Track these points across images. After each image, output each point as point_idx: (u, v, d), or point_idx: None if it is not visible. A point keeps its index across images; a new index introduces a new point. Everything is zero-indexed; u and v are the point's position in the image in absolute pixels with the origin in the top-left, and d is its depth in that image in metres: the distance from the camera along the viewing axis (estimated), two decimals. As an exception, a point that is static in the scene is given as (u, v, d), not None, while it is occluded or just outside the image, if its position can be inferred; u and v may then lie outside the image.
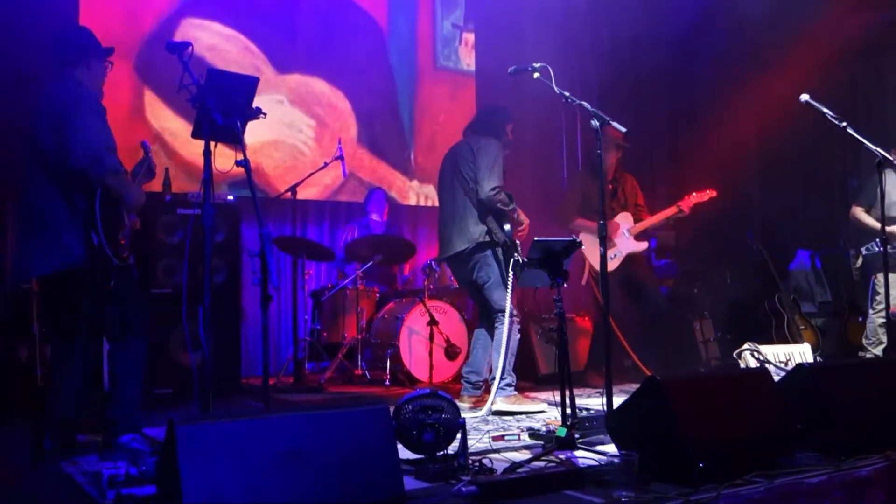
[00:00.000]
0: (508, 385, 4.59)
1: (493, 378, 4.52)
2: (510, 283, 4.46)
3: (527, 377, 5.94)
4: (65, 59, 3.46)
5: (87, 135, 3.19)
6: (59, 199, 3.29)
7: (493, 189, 4.53)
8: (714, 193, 5.74)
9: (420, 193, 7.66)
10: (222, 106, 2.84)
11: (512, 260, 4.50)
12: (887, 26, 6.66)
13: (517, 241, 4.64)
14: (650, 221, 5.75)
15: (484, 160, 4.62)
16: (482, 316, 4.93)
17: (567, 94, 3.76)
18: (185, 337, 5.20)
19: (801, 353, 4.78)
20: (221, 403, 4.57)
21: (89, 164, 3.15)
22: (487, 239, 4.63)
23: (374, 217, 6.87)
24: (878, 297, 5.72)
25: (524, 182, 7.08)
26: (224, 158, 3.28)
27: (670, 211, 5.70)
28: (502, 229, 4.62)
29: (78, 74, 3.45)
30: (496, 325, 4.65)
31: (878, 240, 5.59)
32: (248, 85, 2.95)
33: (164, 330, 5.17)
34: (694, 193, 5.72)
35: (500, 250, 4.66)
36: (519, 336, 4.75)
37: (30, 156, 3.40)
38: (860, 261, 5.93)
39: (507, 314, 4.52)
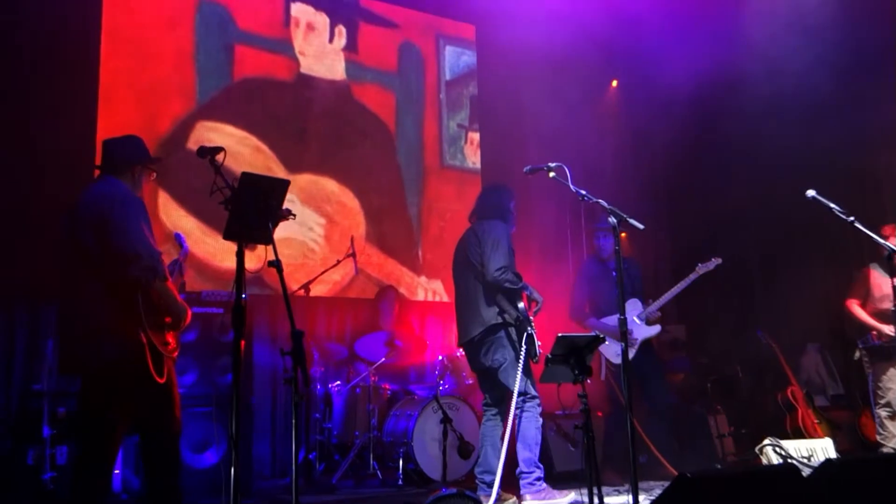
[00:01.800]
0: (538, 479, 4.48)
1: (520, 472, 4.42)
2: (521, 359, 4.39)
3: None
4: (111, 167, 3.58)
5: (139, 243, 3.27)
6: (103, 298, 3.32)
7: (499, 269, 4.56)
8: (720, 261, 5.83)
9: (428, 289, 7.71)
10: (255, 208, 2.91)
11: (525, 335, 4.43)
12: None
13: (530, 318, 4.58)
14: (661, 303, 5.78)
15: (488, 242, 4.67)
16: (491, 408, 4.81)
17: (584, 192, 3.86)
18: (197, 438, 5.20)
19: (824, 448, 4.73)
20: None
21: (142, 272, 3.24)
22: (500, 320, 4.61)
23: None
24: (879, 392, 5.76)
25: (532, 277, 7.14)
26: (246, 259, 3.32)
27: (678, 288, 5.76)
28: (515, 307, 4.60)
29: (124, 182, 3.54)
30: (516, 410, 4.49)
31: (872, 333, 5.74)
32: (280, 187, 3.04)
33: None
34: (699, 265, 5.81)
35: (513, 331, 4.61)
36: (542, 421, 4.61)
37: (71, 257, 3.46)
38: (857, 354, 5.99)
39: (515, 394, 4.42)
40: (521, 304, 4.61)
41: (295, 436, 2.77)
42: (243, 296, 5.82)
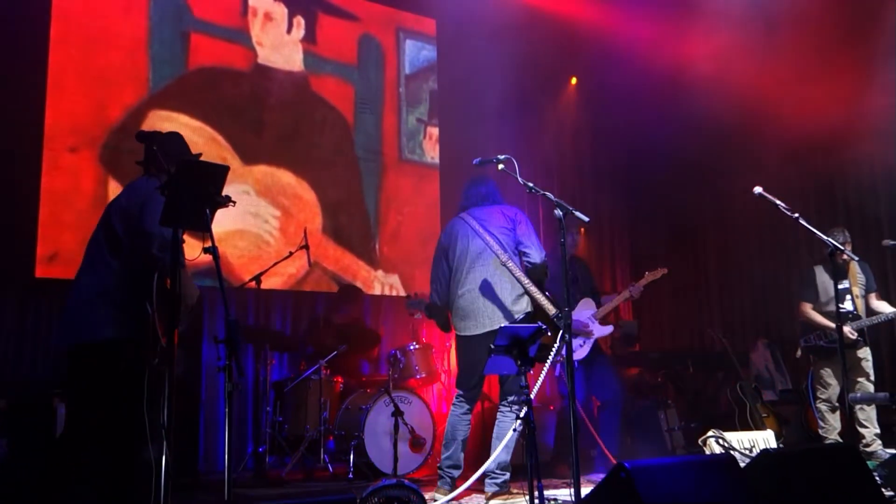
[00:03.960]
0: (506, 482, 4.43)
1: (492, 472, 4.34)
2: (550, 359, 4.17)
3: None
4: (152, 164, 3.62)
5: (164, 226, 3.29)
6: (123, 277, 3.42)
7: (545, 255, 4.45)
8: (665, 271, 5.90)
9: (385, 283, 7.68)
10: (192, 194, 2.86)
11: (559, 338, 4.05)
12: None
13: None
14: (612, 304, 5.83)
15: (528, 228, 4.52)
16: (463, 400, 4.59)
17: (531, 184, 3.86)
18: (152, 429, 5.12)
19: (765, 439, 4.81)
20: (178, 500, 4.42)
21: (161, 251, 3.29)
22: (530, 311, 4.42)
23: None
24: (819, 387, 5.96)
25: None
26: (189, 248, 3.31)
27: (625, 293, 5.82)
28: (554, 302, 4.40)
29: (163, 179, 3.55)
30: (504, 406, 4.42)
31: (817, 332, 5.89)
32: (219, 173, 2.98)
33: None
34: (647, 273, 5.88)
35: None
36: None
37: (101, 236, 3.56)
38: (799, 352, 6.14)
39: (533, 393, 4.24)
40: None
41: (228, 425, 2.74)
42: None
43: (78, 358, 3.46)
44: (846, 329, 5.62)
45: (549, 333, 4.07)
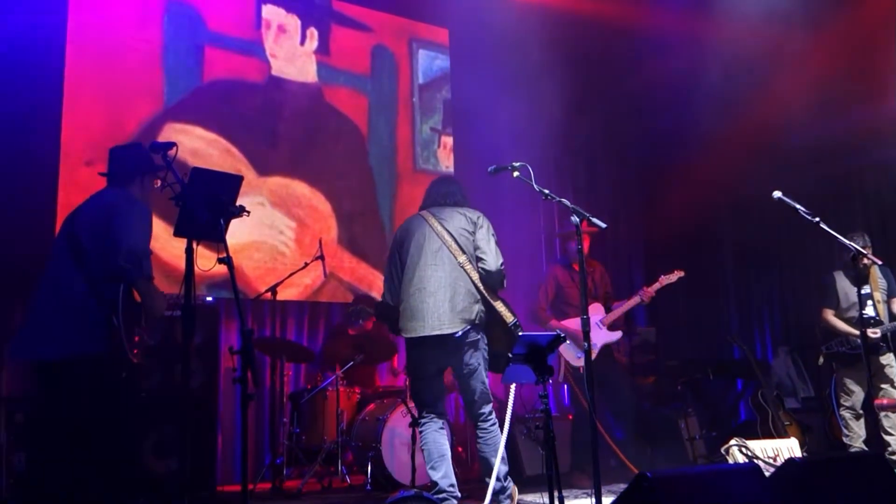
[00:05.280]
0: (511, 492, 4.36)
1: (502, 487, 4.13)
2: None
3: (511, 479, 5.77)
4: (118, 177, 3.64)
5: (132, 238, 3.36)
6: (88, 289, 3.37)
7: (503, 264, 4.25)
8: (682, 273, 5.82)
9: (400, 293, 7.63)
10: (206, 204, 2.85)
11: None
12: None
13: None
14: (621, 310, 5.78)
15: (488, 234, 4.31)
16: (433, 414, 4.29)
17: (547, 191, 3.83)
18: (160, 443, 5.10)
19: (790, 448, 4.73)
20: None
21: (129, 264, 3.29)
22: (482, 319, 4.20)
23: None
24: (842, 394, 5.86)
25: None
26: (204, 259, 3.29)
27: (636, 298, 5.75)
28: (513, 312, 4.21)
29: (132, 191, 3.61)
30: (483, 422, 4.20)
31: (839, 339, 5.81)
32: (232, 183, 2.98)
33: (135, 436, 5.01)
34: (662, 276, 5.81)
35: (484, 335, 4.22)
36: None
37: (64, 248, 3.51)
38: (821, 359, 6.05)
39: (510, 405, 4.06)
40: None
41: (245, 437, 2.71)
42: (209, 299, 5.80)
43: (47, 373, 3.39)
44: (869, 331, 5.52)
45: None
